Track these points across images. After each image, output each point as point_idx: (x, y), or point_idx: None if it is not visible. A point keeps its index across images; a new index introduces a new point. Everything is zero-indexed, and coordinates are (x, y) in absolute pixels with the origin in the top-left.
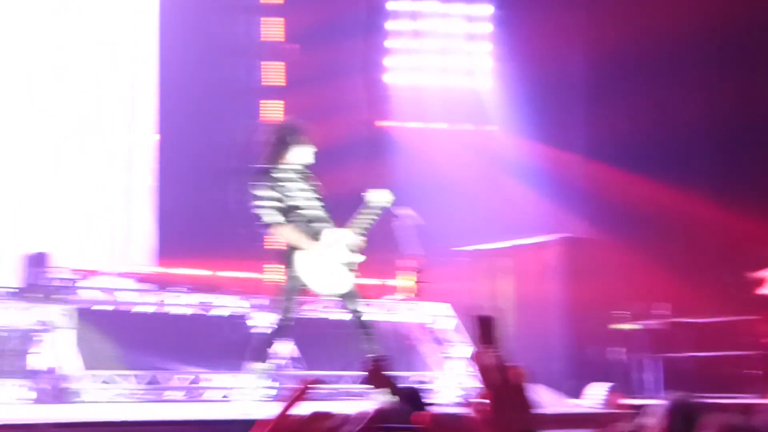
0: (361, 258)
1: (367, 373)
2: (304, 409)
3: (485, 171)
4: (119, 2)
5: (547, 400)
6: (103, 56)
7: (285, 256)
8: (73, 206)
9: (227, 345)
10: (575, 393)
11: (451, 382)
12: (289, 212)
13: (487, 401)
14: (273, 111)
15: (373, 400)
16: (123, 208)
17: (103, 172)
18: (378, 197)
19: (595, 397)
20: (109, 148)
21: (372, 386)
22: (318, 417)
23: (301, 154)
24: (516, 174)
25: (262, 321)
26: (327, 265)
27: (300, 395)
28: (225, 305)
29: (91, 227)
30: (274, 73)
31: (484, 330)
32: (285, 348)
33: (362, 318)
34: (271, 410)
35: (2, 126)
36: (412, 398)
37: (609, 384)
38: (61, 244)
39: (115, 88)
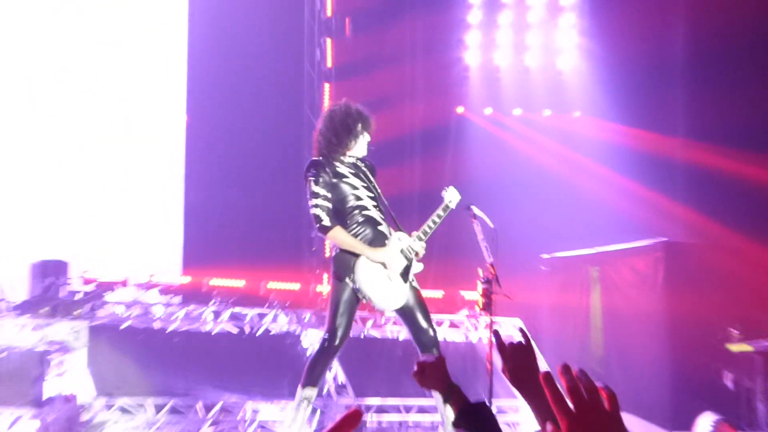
0: (419, 267)
1: (417, 370)
2: None
3: (569, 163)
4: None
5: None
6: (130, 58)
7: (341, 264)
8: (92, 209)
9: (266, 367)
10: (674, 424)
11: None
12: (350, 213)
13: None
14: (325, 97)
15: None
16: (148, 212)
17: (125, 172)
18: (454, 196)
19: (699, 430)
20: (133, 147)
21: (423, 386)
22: None
23: (364, 145)
24: (604, 166)
25: (309, 340)
26: (389, 275)
27: (346, 428)
28: (264, 322)
29: (112, 233)
30: (323, 55)
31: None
32: (332, 372)
33: (427, 337)
34: None
35: (19, 126)
36: (479, 416)
37: (716, 416)
38: (79, 251)
39: (140, 87)
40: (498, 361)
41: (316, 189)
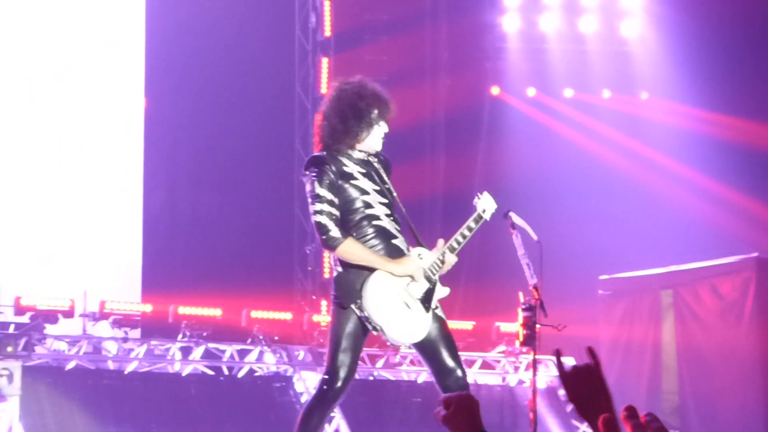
0: (445, 291)
1: (443, 408)
2: None
3: (634, 159)
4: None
5: None
6: (80, 44)
7: (345, 287)
8: (27, 219)
9: (250, 417)
10: None
11: None
12: (357, 223)
13: None
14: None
15: None
16: (98, 222)
17: (70, 175)
18: (489, 204)
19: None
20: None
21: (449, 427)
22: None
23: (379, 138)
24: (679, 162)
25: (303, 383)
26: (406, 300)
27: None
28: (247, 361)
29: (52, 249)
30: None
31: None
32: (333, 424)
33: (453, 379)
34: None
35: None
36: None
37: None
38: (10, 271)
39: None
40: (560, 390)
41: (320, 191)
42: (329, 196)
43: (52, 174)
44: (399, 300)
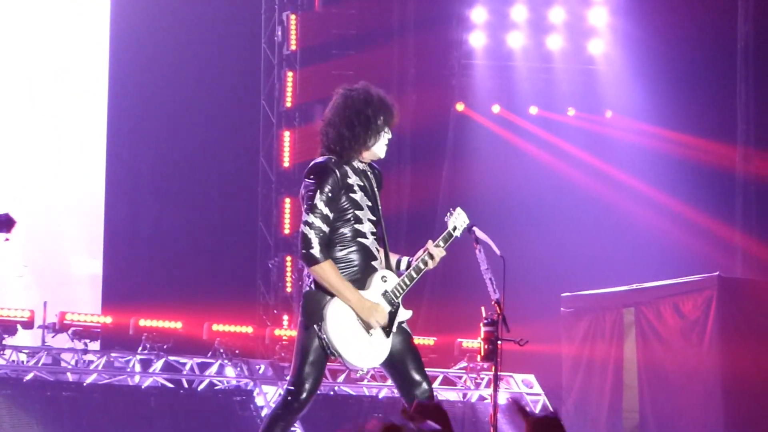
0: (407, 314)
1: (415, 411)
2: None
3: (598, 177)
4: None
5: None
6: (42, 40)
7: (311, 305)
8: None
9: (212, 430)
10: None
11: None
12: (341, 237)
13: None
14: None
15: None
16: (58, 231)
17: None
18: (461, 221)
19: None
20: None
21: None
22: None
23: (383, 146)
24: (642, 180)
25: (263, 397)
26: (366, 325)
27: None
28: (208, 374)
29: (9, 257)
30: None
31: None
32: None
33: (419, 391)
34: None
35: None
36: None
37: None
38: None
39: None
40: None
41: (318, 203)
42: (325, 211)
43: (12, 183)
44: (359, 325)
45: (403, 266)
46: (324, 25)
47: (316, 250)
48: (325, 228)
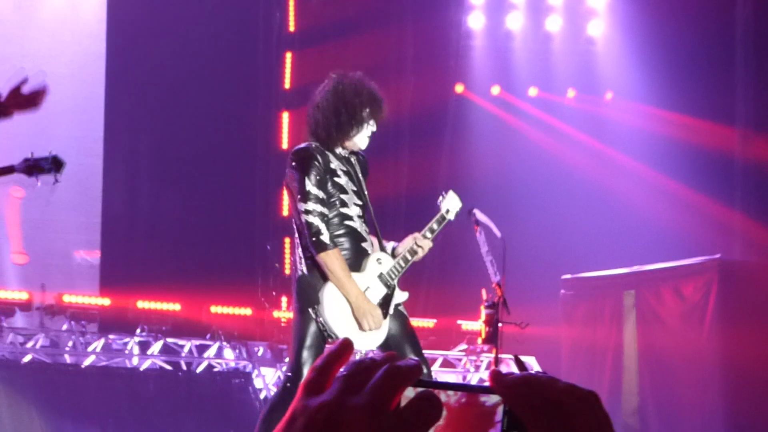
0: (404, 296)
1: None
2: None
3: (598, 159)
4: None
5: None
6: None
7: (307, 289)
8: None
9: (208, 414)
10: None
11: None
12: (332, 219)
13: None
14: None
15: None
16: (55, 212)
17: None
18: (453, 204)
19: None
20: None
21: None
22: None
23: (365, 138)
24: (642, 163)
25: (262, 380)
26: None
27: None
28: (206, 356)
29: (6, 239)
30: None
31: None
32: None
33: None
34: None
35: None
36: None
37: None
38: None
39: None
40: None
41: (310, 188)
42: (320, 194)
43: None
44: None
45: (388, 251)
46: (323, 7)
47: (325, 236)
48: (326, 210)
